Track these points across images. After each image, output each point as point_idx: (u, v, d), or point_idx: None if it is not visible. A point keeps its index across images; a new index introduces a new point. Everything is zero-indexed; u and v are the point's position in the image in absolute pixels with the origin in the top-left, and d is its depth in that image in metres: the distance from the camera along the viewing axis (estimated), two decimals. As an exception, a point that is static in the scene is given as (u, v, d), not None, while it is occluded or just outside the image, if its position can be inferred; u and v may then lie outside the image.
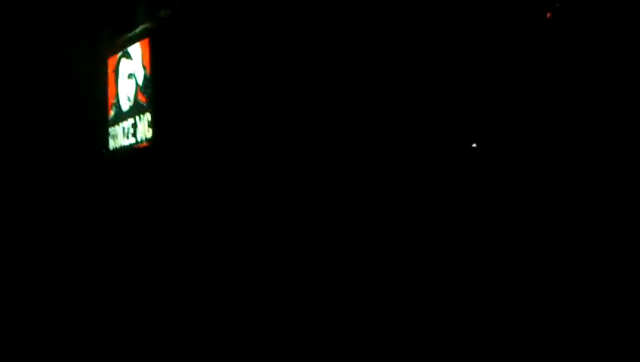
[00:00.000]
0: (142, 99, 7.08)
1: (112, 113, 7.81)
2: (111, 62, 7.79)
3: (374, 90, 5.53)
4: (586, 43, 4.33)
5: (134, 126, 7.23)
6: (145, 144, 7.00)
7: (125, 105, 7.48)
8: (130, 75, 7.32)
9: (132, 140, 7.28)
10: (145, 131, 7.00)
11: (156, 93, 6.81)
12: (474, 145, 5.18)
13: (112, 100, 7.80)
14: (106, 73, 7.84)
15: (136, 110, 7.20)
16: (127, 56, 7.41)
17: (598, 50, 4.29)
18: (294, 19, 6.03)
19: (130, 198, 7.38)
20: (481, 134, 4.74)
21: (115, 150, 7.72)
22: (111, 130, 7.81)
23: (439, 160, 4.99)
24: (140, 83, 7.10)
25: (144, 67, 7.01)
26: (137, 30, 7.21)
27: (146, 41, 7.02)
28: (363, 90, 5.63)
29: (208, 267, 5.95)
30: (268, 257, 5.66)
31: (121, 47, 7.55)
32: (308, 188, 5.77)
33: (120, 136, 7.58)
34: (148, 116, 6.93)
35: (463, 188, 4.72)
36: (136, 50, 7.20)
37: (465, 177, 4.72)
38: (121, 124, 7.56)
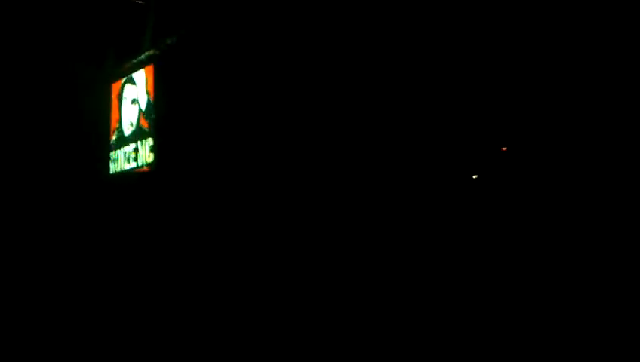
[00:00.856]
0: (144, 124, 7.15)
1: (114, 137, 7.87)
2: (115, 87, 7.87)
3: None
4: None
5: (136, 150, 7.28)
6: (146, 168, 7.05)
7: (128, 130, 7.54)
8: (134, 101, 7.40)
9: (133, 164, 7.33)
10: (146, 156, 7.05)
11: (159, 119, 6.89)
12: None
13: (114, 125, 7.86)
14: (109, 98, 7.92)
15: (138, 135, 7.27)
16: (132, 81, 7.50)
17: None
18: (298, 53, 6.13)
19: (130, 221, 7.40)
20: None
21: (116, 174, 7.76)
22: (112, 154, 7.86)
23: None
24: (143, 108, 7.18)
25: (148, 93, 7.10)
26: (142, 56, 7.31)
27: (150, 67, 7.12)
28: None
29: (207, 290, 5.95)
30: (267, 286, 5.67)
31: (125, 72, 7.65)
32: (308, 215, 5.80)
33: (121, 160, 7.63)
34: (150, 141, 7.00)
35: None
36: (140, 76, 7.30)
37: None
38: (122, 149, 7.62)
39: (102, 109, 8.02)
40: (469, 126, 5.18)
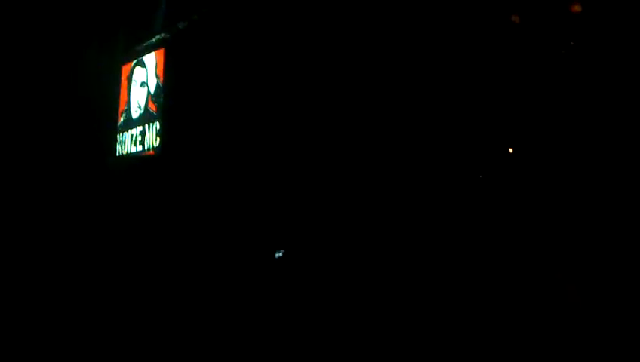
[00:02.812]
0: (152, 107, 7.11)
1: (121, 120, 7.84)
2: (125, 69, 7.83)
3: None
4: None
5: (142, 134, 7.24)
6: (152, 152, 7.00)
7: (135, 113, 7.50)
8: (143, 84, 7.36)
9: (139, 148, 7.29)
10: (153, 140, 7.01)
11: (167, 103, 6.84)
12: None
13: (122, 107, 7.83)
14: (119, 80, 7.89)
15: (146, 118, 7.23)
16: (142, 64, 7.46)
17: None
18: (309, 39, 6.06)
19: (134, 205, 7.36)
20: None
21: (122, 156, 7.72)
22: (119, 136, 7.83)
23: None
24: (152, 92, 7.14)
25: (157, 76, 7.05)
26: (154, 39, 7.26)
27: (161, 51, 7.06)
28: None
29: (210, 273, 5.93)
30: (268, 264, 5.65)
31: (136, 55, 7.60)
32: (308, 196, 5.75)
33: (127, 143, 7.60)
34: (157, 125, 6.95)
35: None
36: (151, 59, 7.25)
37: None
38: (129, 131, 7.58)
39: (111, 91, 7.99)
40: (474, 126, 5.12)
